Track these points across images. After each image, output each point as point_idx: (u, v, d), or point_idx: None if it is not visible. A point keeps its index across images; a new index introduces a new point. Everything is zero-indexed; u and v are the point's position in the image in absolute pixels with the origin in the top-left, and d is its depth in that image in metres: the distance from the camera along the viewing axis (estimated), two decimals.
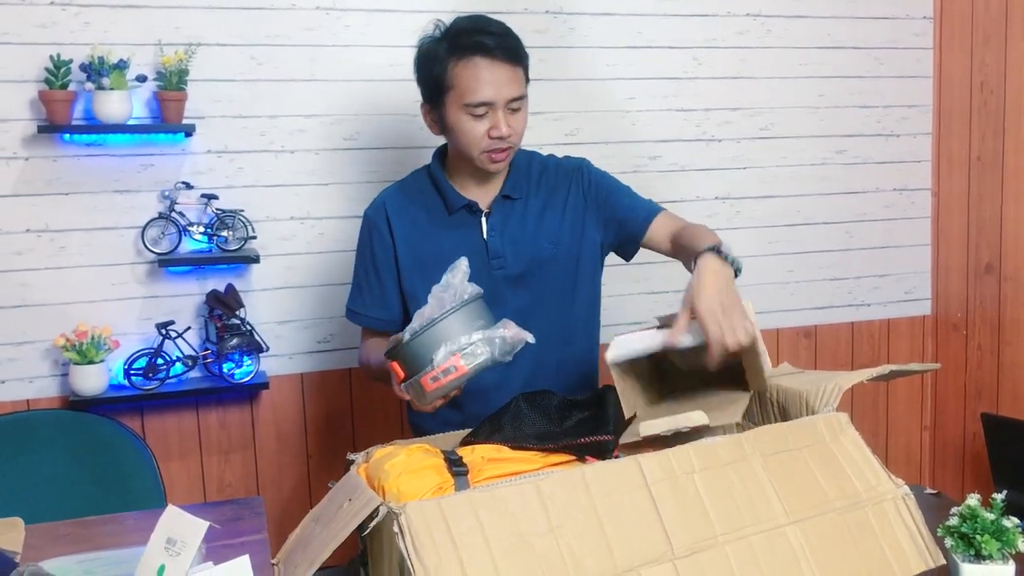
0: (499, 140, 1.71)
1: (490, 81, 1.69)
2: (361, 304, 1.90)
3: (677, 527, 1.18)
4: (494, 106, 1.70)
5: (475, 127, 1.71)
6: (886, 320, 3.12)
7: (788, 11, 2.87)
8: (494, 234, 1.81)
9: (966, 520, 1.25)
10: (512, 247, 1.81)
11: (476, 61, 1.69)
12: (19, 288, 2.31)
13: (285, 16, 2.42)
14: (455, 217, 1.82)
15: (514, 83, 1.71)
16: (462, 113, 1.71)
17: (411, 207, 1.85)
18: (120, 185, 2.35)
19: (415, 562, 1.06)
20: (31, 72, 2.25)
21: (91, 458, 2.22)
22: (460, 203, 1.81)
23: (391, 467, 1.34)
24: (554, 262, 1.84)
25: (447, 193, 1.82)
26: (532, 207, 1.84)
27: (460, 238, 1.81)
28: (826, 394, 1.43)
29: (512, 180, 1.84)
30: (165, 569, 1.13)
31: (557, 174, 1.89)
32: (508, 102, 1.71)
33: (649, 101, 2.77)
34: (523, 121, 1.76)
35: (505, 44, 1.71)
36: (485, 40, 1.69)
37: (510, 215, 1.83)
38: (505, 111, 1.71)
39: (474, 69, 1.69)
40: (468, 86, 1.69)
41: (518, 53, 1.73)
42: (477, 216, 1.82)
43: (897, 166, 3.06)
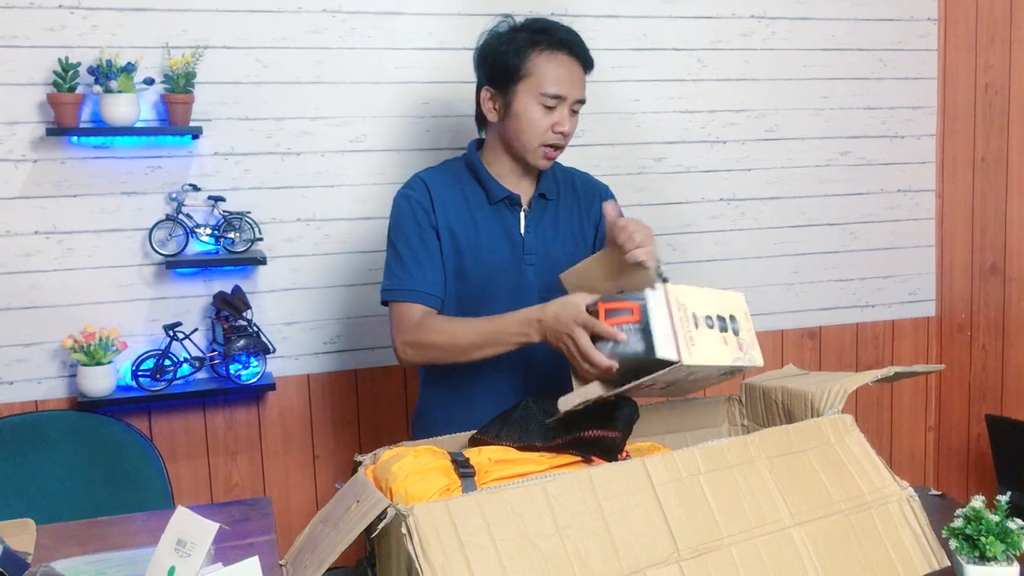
0: (560, 136, 1.79)
1: (570, 78, 1.78)
2: (409, 279, 1.80)
3: (683, 529, 1.19)
4: (564, 102, 1.78)
5: (543, 118, 1.78)
6: (890, 321, 3.12)
7: (792, 13, 2.87)
8: (530, 230, 1.86)
9: (971, 522, 1.26)
10: (543, 245, 1.86)
11: (561, 56, 1.78)
12: (28, 289, 2.32)
13: (291, 19, 2.43)
14: (495, 207, 1.86)
15: (582, 86, 1.81)
16: (534, 102, 1.77)
17: (451, 191, 1.86)
18: (128, 187, 2.36)
19: (423, 563, 1.07)
20: (39, 75, 2.26)
21: (99, 459, 2.24)
22: (502, 195, 1.85)
23: (398, 469, 1.35)
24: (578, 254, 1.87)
25: (489, 184, 1.86)
26: (563, 211, 1.91)
27: (498, 228, 1.85)
28: (831, 396, 1.44)
29: (546, 181, 1.90)
30: (175, 570, 1.14)
31: (588, 189, 1.97)
32: (575, 103, 1.80)
33: (654, 103, 2.77)
34: (576, 126, 1.83)
35: (585, 51, 1.82)
36: (574, 42, 1.80)
37: (545, 214, 1.89)
38: (569, 110, 1.79)
39: (557, 62, 1.77)
40: (549, 76, 1.76)
41: (591, 63, 1.83)
42: (516, 210, 1.86)
43: (901, 167, 3.07)
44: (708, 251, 2.87)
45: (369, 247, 2.54)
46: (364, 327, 2.58)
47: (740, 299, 1.56)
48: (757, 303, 2.95)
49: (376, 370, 2.61)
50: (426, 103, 2.57)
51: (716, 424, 1.71)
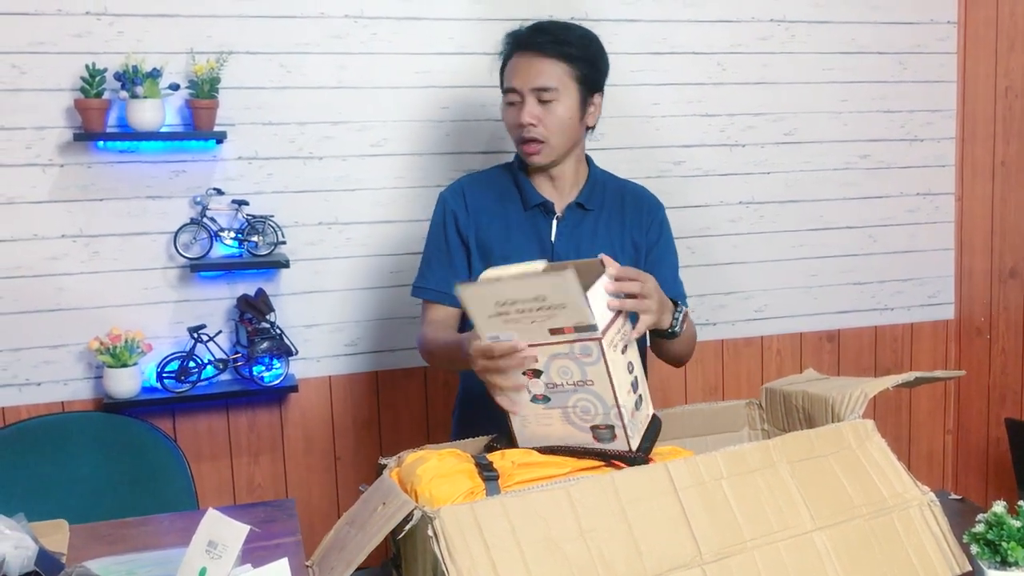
0: (524, 128, 1.78)
1: (517, 70, 1.79)
2: (431, 279, 1.91)
3: (706, 532, 1.20)
4: (522, 95, 1.77)
5: (508, 113, 1.82)
6: (909, 324, 3.12)
7: (812, 16, 2.88)
8: (562, 238, 1.86)
9: (992, 527, 1.26)
10: (575, 254, 1.84)
11: (518, 54, 1.80)
12: (55, 292, 2.35)
13: (314, 24, 2.46)
14: (529, 213, 1.87)
15: (542, 74, 1.77)
16: (504, 102, 1.83)
17: (488, 196, 1.90)
18: (153, 191, 2.39)
19: (449, 565, 1.09)
20: (67, 81, 2.29)
21: (124, 459, 2.26)
22: (536, 201, 1.87)
23: (423, 472, 1.36)
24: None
25: (525, 190, 1.88)
26: (602, 223, 1.89)
27: (529, 234, 1.86)
28: (852, 401, 1.45)
29: (588, 191, 1.89)
30: (207, 571, 1.16)
31: (636, 202, 1.94)
32: (534, 91, 1.77)
33: (673, 107, 2.78)
34: (555, 118, 1.79)
35: (539, 39, 1.79)
36: (529, 36, 1.80)
37: (581, 223, 1.88)
38: (534, 102, 1.78)
39: (514, 60, 1.81)
40: (505, 75, 1.82)
41: (561, 49, 1.78)
42: (550, 217, 1.87)
43: (921, 171, 3.06)
44: (727, 254, 2.88)
45: (390, 250, 2.57)
46: (385, 329, 2.60)
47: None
48: (776, 306, 2.96)
49: (397, 372, 2.63)
50: (446, 107, 2.59)
51: (736, 428, 1.72)
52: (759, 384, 1.72)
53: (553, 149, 1.82)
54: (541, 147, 1.81)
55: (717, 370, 2.93)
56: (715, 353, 2.92)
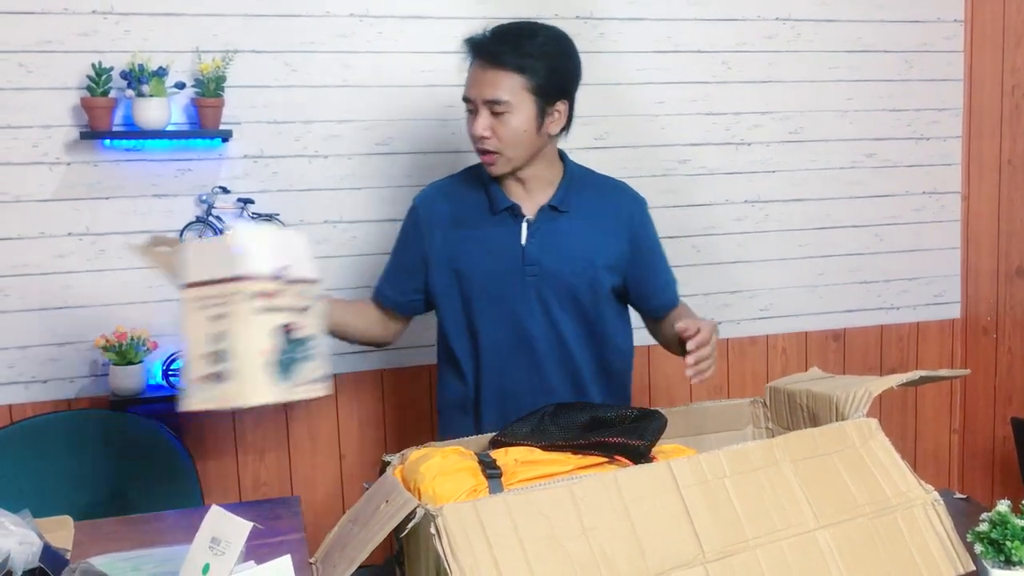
0: (479, 140, 1.77)
1: (472, 81, 1.77)
2: (382, 278, 1.98)
3: (708, 531, 1.20)
4: (476, 105, 1.76)
5: (468, 123, 1.80)
6: (915, 323, 3.11)
7: (818, 15, 2.87)
8: (533, 241, 1.83)
9: (996, 526, 1.26)
10: (550, 257, 1.83)
11: (474, 63, 1.78)
12: (61, 290, 2.36)
13: (319, 23, 2.46)
14: (498, 218, 1.85)
15: (495, 86, 1.73)
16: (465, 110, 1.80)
17: (457, 202, 1.89)
18: (158, 189, 2.39)
19: (452, 562, 1.09)
20: (73, 79, 2.30)
21: (130, 457, 2.27)
22: (503, 205, 1.84)
23: (426, 469, 1.37)
24: (589, 278, 1.86)
25: (493, 193, 1.85)
26: (579, 223, 1.86)
27: (497, 239, 1.84)
28: (856, 400, 1.45)
29: (562, 193, 1.86)
30: (210, 568, 1.17)
31: (617, 201, 1.91)
32: (486, 103, 1.74)
33: (679, 105, 2.78)
34: (509, 128, 1.75)
35: (494, 49, 1.74)
36: (486, 45, 1.76)
37: (554, 226, 1.84)
38: (487, 113, 1.75)
39: (471, 69, 1.79)
40: (465, 82, 1.79)
41: (507, 58, 1.73)
42: (519, 220, 1.84)
43: (927, 169, 3.05)
44: (732, 253, 2.88)
45: None
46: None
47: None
48: (781, 305, 2.95)
49: (402, 370, 2.63)
50: (451, 106, 2.59)
51: (740, 427, 1.72)
52: (764, 383, 1.72)
53: (509, 160, 1.79)
54: (496, 158, 1.78)
55: (722, 369, 2.93)
56: (720, 352, 2.89)
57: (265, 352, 1.32)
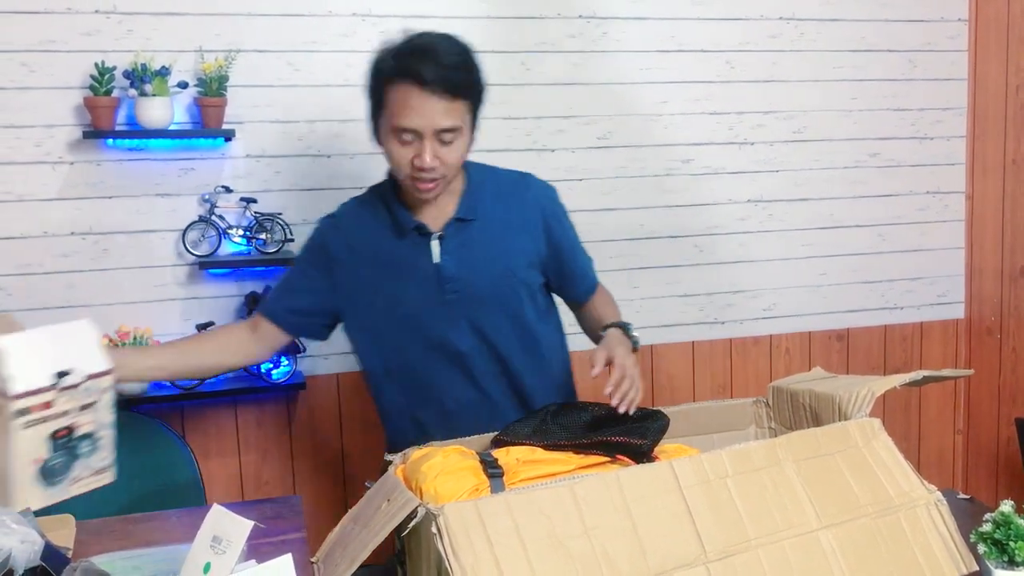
0: (422, 171, 1.63)
1: (419, 110, 1.60)
2: (274, 294, 1.87)
3: (710, 530, 1.19)
4: (422, 135, 1.61)
5: (401, 152, 1.64)
6: (919, 323, 3.11)
7: (821, 14, 2.87)
8: (447, 258, 1.73)
9: (999, 526, 1.26)
10: (468, 270, 1.74)
11: (409, 88, 1.60)
12: (64, 289, 2.36)
13: (322, 23, 2.46)
14: (406, 240, 1.74)
15: (448, 115, 1.61)
16: (391, 135, 1.64)
17: (363, 228, 1.78)
18: (161, 189, 2.40)
19: (453, 562, 1.09)
20: (76, 79, 2.30)
21: (133, 455, 2.26)
22: (410, 225, 1.73)
23: (428, 468, 1.37)
24: (513, 283, 1.78)
25: (397, 214, 1.75)
26: (490, 228, 1.76)
27: (409, 261, 1.74)
28: (859, 400, 1.44)
29: (467, 201, 1.75)
30: (211, 567, 1.16)
31: (521, 194, 1.81)
32: (437, 132, 1.61)
33: (682, 104, 2.78)
34: (457, 153, 1.66)
35: (445, 77, 1.60)
36: (425, 69, 1.59)
37: (465, 238, 1.74)
38: (434, 141, 1.62)
39: (405, 95, 1.60)
40: (397, 111, 1.61)
41: (459, 87, 1.62)
42: (428, 239, 1.73)
43: (931, 169, 3.05)
44: (735, 253, 2.87)
45: None
46: None
47: None
48: (784, 305, 2.95)
49: None
50: None
51: (743, 426, 1.71)
52: (768, 383, 1.71)
53: (448, 182, 1.70)
54: (439, 183, 1.67)
55: (725, 369, 2.93)
56: (723, 352, 2.91)
57: (35, 462, 1.33)
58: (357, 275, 1.77)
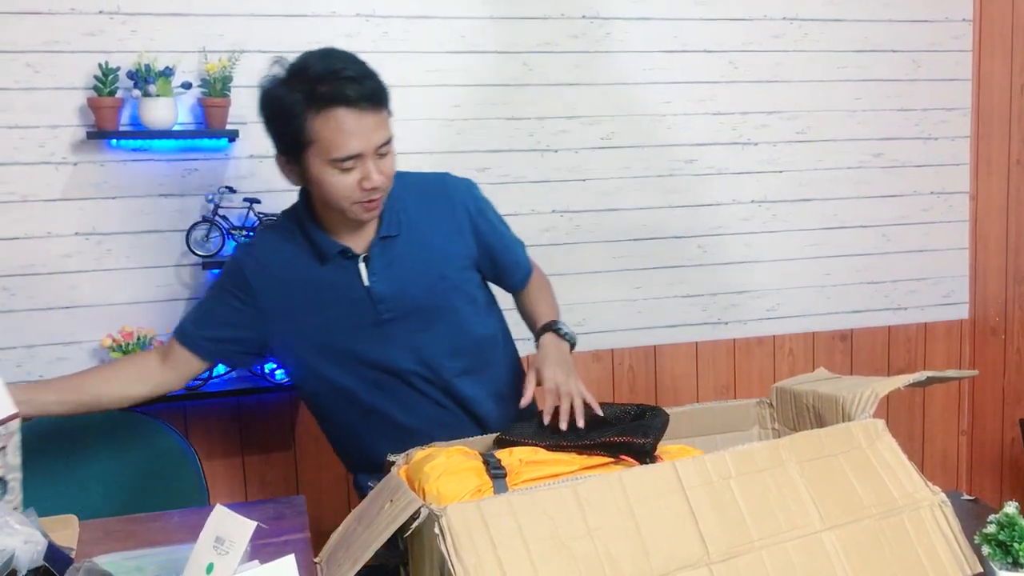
0: (372, 191, 1.60)
1: (356, 133, 1.55)
2: (191, 320, 1.81)
3: (713, 532, 1.19)
4: (363, 157, 1.57)
5: (344, 180, 1.58)
6: (923, 324, 3.10)
7: (825, 14, 2.86)
8: (376, 278, 1.69)
9: (1003, 528, 1.25)
10: (400, 287, 1.71)
11: (339, 113, 1.54)
12: (67, 289, 2.37)
13: (326, 23, 2.46)
14: (330, 265, 1.70)
15: (380, 128, 1.59)
16: (328, 167, 1.57)
17: (283, 255, 1.73)
18: (165, 189, 2.40)
19: (455, 563, 1.09)
20: (80, 79, 2.30)
21: (136, 456, 2.27)
22: (333, 250, 1.69)
23: (431, 469, 1.37)
24: (448, 290, 1.76)
25: (318, 241, 1.69)
26: (415, 239, 1.73)
27: (337, 287, 1.70)
28: (862, 400, 1.44)
29: (388, 217, 1.70)
30: (214, 567, 1.16)
31: (443, 197, 1.78)
32: (377, 148, 1.58)
33: (685, 105, 2.77)
34: (393, 164, 1.63)
35: (367, 90, 1.56)
36: (346, 89, 1.54)
37: (392, 254, 1.71)
38: (374, 158, 1.58)
39: (337, 122, 1.54)
40: (333, 141, 1.55)
41: (380, 96, 1.60)
42: (354, 261, 1.69)
43: (935, 169, 3.04)
44: (739, 253, 2.87)
45: None
46: None
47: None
48: (788, 306, 2.95)
49: None
50: (457, 106, 2.59)
51: (746, 427, 1.71)
52: (771, 384, 1.71)
53: (386, 195, 1.66)
54: (381, 199, 1.64)
55: (729, 369, 2.92)
56: (727, 352, 2.91)
57: None
58: (283, 305, 1.72)
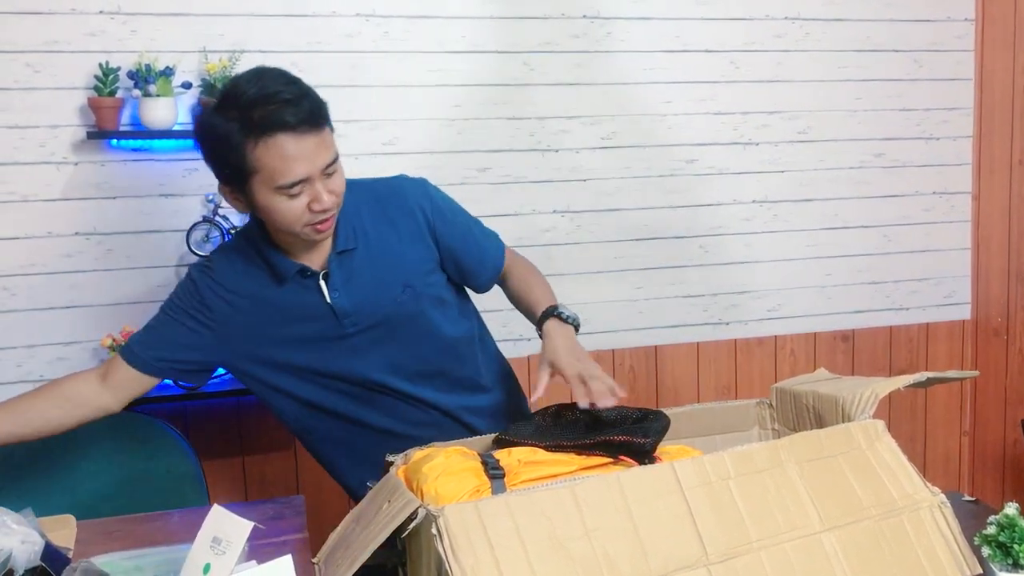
0: (322, 212, 1.53)
1: (300, 157, 1.48)
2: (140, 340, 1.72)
3: (712, 532, 1.19)
4: (310, 180, 1.50)
5: (292, 206, 1.51)
6: (925, 324, 3.09)
7: (826, 14, 2.86)
8: (338, 294, 1.64)
9: (1003, 529, 1.25)
10: (363, 300, 1.65)
11: (279, 139, 1.47)
12: (68, 289, 2.37)
13: (326, 23, 2.46)
14: (289, 285, 1.64)
15: (324, 148, 1.52)
16: (275, 195, 1.51)
17: (240, 276, 1.67)
18: (165, 189, 2.40)
19: (453, 563, 1.09)
20: (80, 79, 2.31)
21: (136, 456, 2.27)
22: (291, 270, 1.63)
23: (429, 469, 1.36)
24: (414, 297, 1.70)
25: (275, 262, 1.63)
26: (374, 250, 1.67)
27: (300, 306, 1.64)
28: (862, 401, 1.43)
29: (343, 231, 1.64)
30: (211, 567, 1.16)
31: (398, 202, 1.72)
32: (323, 169, 1.52)
33: (686, 104, 2.77)
34: (342, 181, 1.57)
35: (304, 111, 1.49)
36: (284, 114, 1.47)
37: (352, 269, 1.65)
38: (322, 179, 1.52)
39: (279, 149, 1.47)
40: (276, 168, 1.48)
41: (320, 115, 1.52)
42: (314, 279, 1.64)
43: (937, 169, 3.04)
44: (740, 253, 2.87)
45: None
46: None
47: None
48: (789, 306, 2.94)
49: None
50: (458, 106, 2.59)
51: (746, 428, 1.70)
52: (772, 384, 1.71)
53: (337, 212, 1.60)
54: (333, 218, 1.58)
55: (730, 370, 2.92)
56: (728, 353, 2.91)
57: None
58: (244, 326, 1.66)
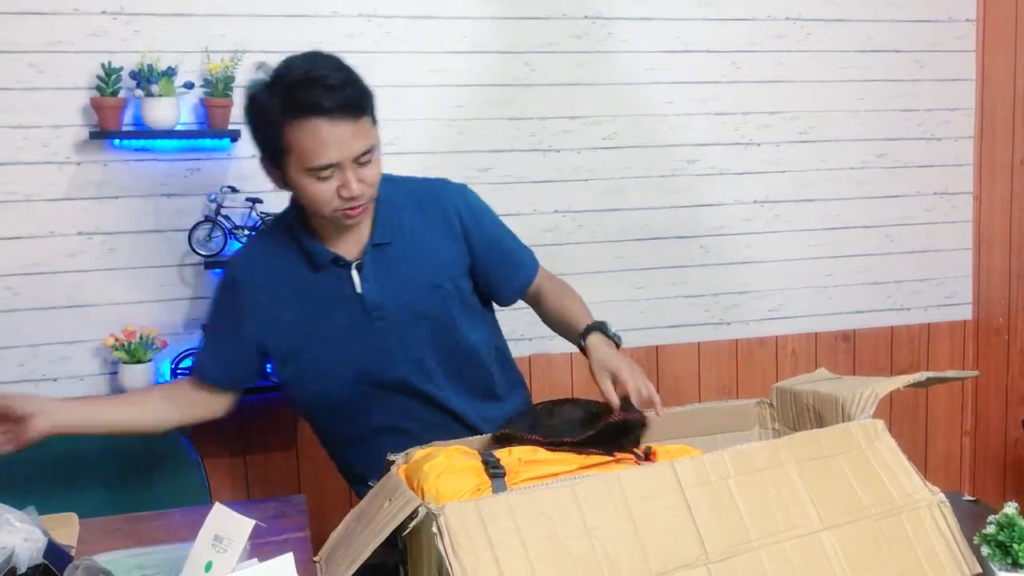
0: (352, 200, 1.57)
1: (331, 142, 1.52)
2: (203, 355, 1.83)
3: (711, 531, 1.19)
4: (341, 165, 1.54)
5: (322, 189, 1.56)
6: (926, 324, 3.09)
7: (828, 14, 2.86)
8: (369, 285, 1.68)
9: (1003, 528, 1.25)
10: (393, 294, 1.69)
11: (313, 122, 1.51)
12: (71, 289, 2.37)
13: (328, 23, 2.47)
14: (322, 275, 1.69)
15: (360, 137, 1.55)
16: (306, 175, 1.55)
17: (273, 266, 1.71)
18: (168, 189, 2.40)
19: (453, 562, 1.09)
20: (83, 79, 2.31)
21: (139, 455, 2.28)
22: (326, 258, 1.67)
23: (430, 468, 1.37)
24: (442, 297, 1.73)
25: (310, 249, 1.68)
26: (409, 246, 1.71)
27: (330, 295, 1.68)
28: (862, 400, 1.44)
29: (381, 224, 1.69)
30: (212, 565, 1.17)
31: (436, 203, 1.75)
32: (356, 158, 1.55)
33: (687, 105, 2.77)
34: (376, 171, 1.60)
35: (344, 98, 1.52)
36: (321, 99, 1.50)
37: (385, 262, 1.69)
38: (354, 167, 1.55)
39: (312, 131, 1.51)
40: (308, 149, 1.52)
41: (360, 104, 1.56)
42: (347, 269, 1.68)
43: (939, 170, 3.04)
44: (741, 253, 2.87)
45: None
46: None
47: None
48: (790, 306, 2.94)
49: None
50: (460, 106, 2.59)
51: (747, 427, 1.71)
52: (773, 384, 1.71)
53: (370, 203, 1.64)
54: (366, 206, 1.62)
55: (731, 370, 2.92)
56: (729, 353, 2.91)
57: None
58: (277, 312, 1.70)
